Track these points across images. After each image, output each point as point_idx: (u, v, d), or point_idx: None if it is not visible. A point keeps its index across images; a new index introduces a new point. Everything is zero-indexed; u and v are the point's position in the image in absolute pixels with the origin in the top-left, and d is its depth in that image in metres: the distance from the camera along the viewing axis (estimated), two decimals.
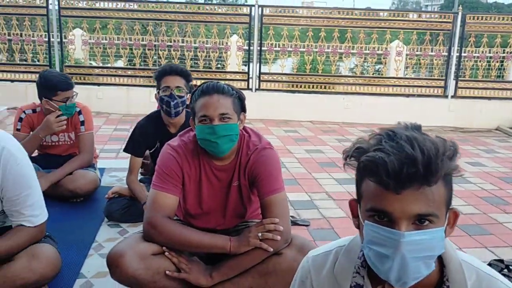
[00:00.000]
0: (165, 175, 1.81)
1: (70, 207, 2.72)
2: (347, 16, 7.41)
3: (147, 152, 2.74)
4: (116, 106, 7.93)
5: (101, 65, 8.11)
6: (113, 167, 3.55)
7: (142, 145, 2.69)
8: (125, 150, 2.73)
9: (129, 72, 7.98)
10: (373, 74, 7.99)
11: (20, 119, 2.82)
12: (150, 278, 1.70)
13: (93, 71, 7.91)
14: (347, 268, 1.02)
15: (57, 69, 7.80)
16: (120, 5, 7.75)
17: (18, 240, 1.76)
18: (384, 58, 7.58)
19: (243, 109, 1.86)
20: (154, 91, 7.69)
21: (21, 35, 7.80)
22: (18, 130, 2.78)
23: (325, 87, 7.61)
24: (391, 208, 0.85)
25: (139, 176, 2.80)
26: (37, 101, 2.88)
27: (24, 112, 2.84)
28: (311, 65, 7.67)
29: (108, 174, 3.34)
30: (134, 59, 8.18)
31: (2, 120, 5.37)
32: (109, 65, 8.06)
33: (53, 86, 2.72)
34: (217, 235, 1.78)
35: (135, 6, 7.78)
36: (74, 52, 8.13)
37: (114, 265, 1.68)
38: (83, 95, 7.71)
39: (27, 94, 7.83)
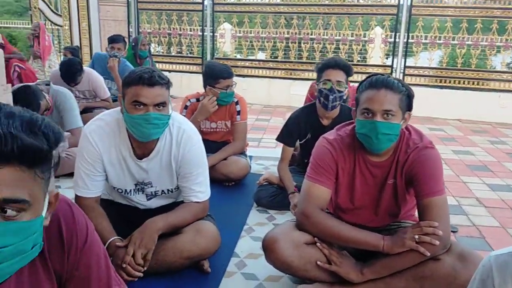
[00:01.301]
0: (319, 168, 1.86)
1: (224, 190, 2.95)
2: (506, 6, 6.65)
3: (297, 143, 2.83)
4: (258, 98, 8.30)
5: (246, 57, 8.53)
6: (259, 155, 3.74)
7: (294, 135, 2.77)
8: (278, 138, 2.86)
9: (271, 65, 8.28)
10: None
11: (186, 107, 3.13)
12: (302, 266, 1.76)
13: (239, 64, 8.36)
14: None
15: (208, 59, 8.42)
16: (267, 0, 8.06)
17: (188, 214, 1.98)
18: None
19: (409, 107, 1.80)
20: (294, 83, 7.93)
21: (179, 29, 8.58)
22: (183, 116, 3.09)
23: (477, 83, 6.97)
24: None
25: None
26: (200, 91, 3.16)
27: (189, 100, 3.14)
28: (463, 59, 7.06)
29: (255, 162, 3.53)
30: (277, 52, 8.46)
31: None
32: (253, 57, 8.44)
33: (216, 74, 2.97)
34: (369, 232, 1.77)
35: (279, 0, 8.03)
36: (224, 45, 8.67)
37: (269, 249, 1.78)
38: None
39: (182, 84, 8.61)
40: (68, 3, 8.28)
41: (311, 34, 8.09)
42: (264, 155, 3.76)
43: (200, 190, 2.02)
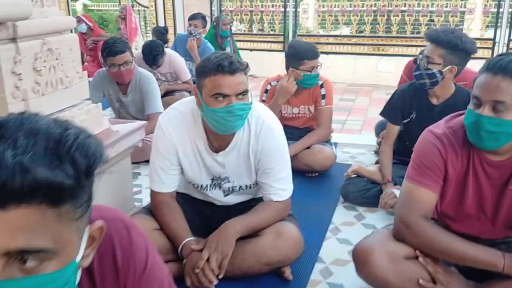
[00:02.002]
0: (424, 168, 1.56)
1: (307, 182, 2.71)
2: None
3: None
4: (342, 75, 7.89)
5: (329, 33, 8.11)
6: (344, 142, 3.42)
7: (397, 110, 2.46)
8: (381, 113, 2.57)
9: (356, 40, 7.79)
10: None
11: (266, 91, 2.93)
12: (400, 284, 1.50)
13: (321, 40, 7.97)
14: None
15: (290, 38, 8.14)
16: None
17: (268, 215, 1.79)
18: None
19: None
20: (381, 60, 7.39)
21: (261, 6, 8.35)
22: (263, 101, 2.89)
23: None
24: None
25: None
26: (282, 73, 2.93)
27: (270, 84, 2.93)
28: None
29: (341, 150, 3.23)
30: (364, 26, 7.95)
31: None
32: (337, 33, 8.00)
33: (300, 55, 2.72)
34: (486, 248, 1.46)
35: None
36: (307, 21, 8.30)
37: (362, 262, 1.54)
38: None
39: (263, 63, 8.44)
40: None
41: (403, 6, 7.47)
42: (350, 141, 3.43)
43: (282, 187, 1.82)
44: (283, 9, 8.09)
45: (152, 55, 3.88)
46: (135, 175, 2.79)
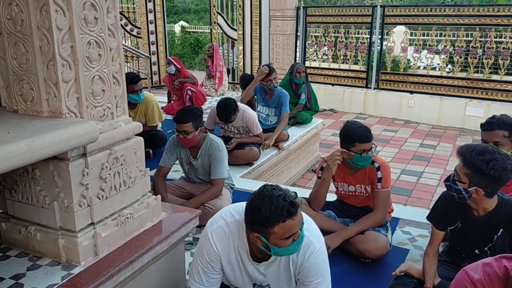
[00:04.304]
0: None
1: (358, 268, 2.66)
2: None
3: None
4: (425, 115, 7.63)
5: (416, 72, 7.87)
6: (408, 218, 3.28)
7: (442, 216, 2.39)
8: (427, 217, 2.52)
9: (444, 81, 7.47)
10: None
11: (322, 168, 2.95)
12: None
13: (408, 79, 7.77)
14: None
15: (374, 74, 8.04)
16: (444, 10, 7.29)
17: None
18: None
19: None
20: (470, 102, 7.00)
21: (346, 42, 8.35)
22: (319, 177, 2.94)
23: None
24: None
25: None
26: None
27: (325, 161, 2.94)
28: None
29: (401, 229, 3.14)
30: (453, 67, 7.62)
31: (318, 132, 5.88)
32: (424, 72, 7.74)
33: (352, 137, 2.74)
34: None
35: (459, 10, 7.16)
36: (391, 58, 8.13)
37: None
38: (395, 102, 7.79)
39: (344, 98, 8.43)
40: (243, 19, 8.76)
41: (496, 48, 7.04)
42: (414, 218, 3.27)
43: None
44: (367, 46, 8.03)
45: (225, 113, 4.11)
46: (194, 240, 2.98)
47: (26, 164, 1.53)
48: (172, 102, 6.45)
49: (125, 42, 8.83)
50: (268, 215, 1.65)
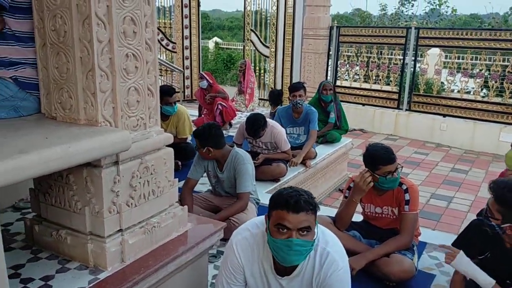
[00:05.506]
0: None
1: None
2: None
3: None
4: (458, 140, 7.47)
5: (449, 95, 7.75)
6: (435, 243, 3.19)
7: (471, 245, 2.33)
8: (454, 243, 2.46)
9: (478, 105, 7.31)
10: None
11: (349, 188, 2.93)
12: None
13: (441, 102, 7.65)
14: None
15: (406, 96, 7.95)
16: (480, 34, 7.18)
17: None
18: None
19: None
20: (504, 128, 6.84)
21: (378, 63, 8.31)
22: (346, 197, 2.92)
23: None
24: None
25: None
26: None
27: (353, 181, 2.92)
28: None
29: (428, 253, 3.06)
30: (487, 91, 7.46)
31: (346, 151, 5.84)
32: (457, 96, 7.61)
33: (375, 160, 2.72)
34: None
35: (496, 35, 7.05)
36: (426, 80, 8.05)
37: None
38: (427, 125, 7.67)
39: (375, 119, 8.36)
40: (276, 36, 8.87)
41: None
42: (443, 243, 3.06)
43: None
44: (400, 67, 7.97)
45: (254, 128, 4.15)
46: (218, 253, 3.00)
47: (61, 169, 1.59)
48: (203, 115, 6.55)
49: (161, 56, 9.06)
50: (277, 198, 1.79)
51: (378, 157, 2.70)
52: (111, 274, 1.83)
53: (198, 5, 9.30)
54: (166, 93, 4.38)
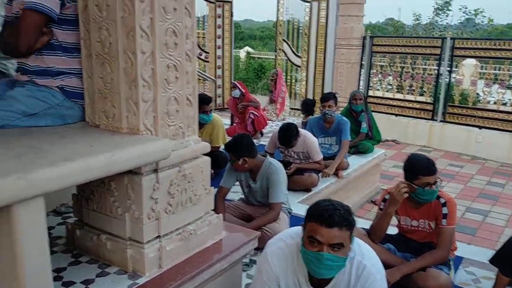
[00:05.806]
0: None
1: None
2: None
3: None
4: (494, 152, 7.26)
5: (486, 107, 7.55)
6: (472, 258, 3.11)
7: (509, 262, 2.27)
8: (491, 260, 2.39)
9: None
10: None
11: (384, 200, 2.90)
12: None
13: (477, 113, 7.46)
14: None
15: (440, 107, 7.80)
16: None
17: None
18: None
19: None
20: None
21: (412, 73, 8.19)
22: (381, 209, 2.88)
23: None
24: None
25: None
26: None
27: (389, 193, 2.88)
28: None
29: (464, 268, 2.98)
30: None
31: (379, 162, 5.77)
32: (494, 107, 7.40)
33: (415, 170, 2.68)
34: None
35: None
36: (461, 91, 7.87)
37: None
38: (462, 137, 7.49)
39: (408, 129, 8.22)
40: (308, 46, 8.88)
41: None
42: (480, 258, 3.08)
43: None
44: (435, 78, 7.83)
45: (286, 137, 4.16)
46: (251, 262, 3.01)
47: (105, 176, 1.64)
48: (235, 124, 6.60)
49: None
50: (313, 210, 1.79)
51: (419, 167, 2.66)
52: (149, 280, 1.87)
53: (231, 15, 9.42)
54: (203, 101, 4.46)
